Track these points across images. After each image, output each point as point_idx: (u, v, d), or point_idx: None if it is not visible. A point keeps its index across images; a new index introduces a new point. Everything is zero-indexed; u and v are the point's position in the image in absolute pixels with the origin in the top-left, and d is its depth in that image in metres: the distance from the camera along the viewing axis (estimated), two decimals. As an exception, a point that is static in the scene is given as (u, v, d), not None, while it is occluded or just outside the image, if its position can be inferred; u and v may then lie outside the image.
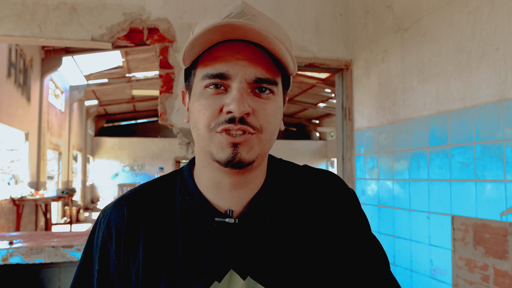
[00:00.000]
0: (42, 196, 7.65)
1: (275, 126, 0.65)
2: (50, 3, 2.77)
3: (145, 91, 11.74)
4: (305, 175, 0.75)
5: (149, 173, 16.06)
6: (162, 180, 0.74)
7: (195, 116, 0.63)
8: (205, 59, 0.63)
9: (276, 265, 0.65)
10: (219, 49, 0.61)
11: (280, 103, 0.66)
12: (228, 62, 0.60)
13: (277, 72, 0.64)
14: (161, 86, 2.92)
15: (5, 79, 6.62)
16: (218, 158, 0.61)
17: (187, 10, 2.97)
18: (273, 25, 0.64)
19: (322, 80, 9.83)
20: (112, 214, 0.69)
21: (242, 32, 0.58)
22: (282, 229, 0.67)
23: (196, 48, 0.61)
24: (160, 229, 0.67)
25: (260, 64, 0.61)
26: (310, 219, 0.69)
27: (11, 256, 1.86)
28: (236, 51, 0.61)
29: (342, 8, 3.30)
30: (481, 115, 2.04)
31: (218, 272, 0.64)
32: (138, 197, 0.71)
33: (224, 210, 0.67)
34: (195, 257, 0.65)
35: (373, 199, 2.99)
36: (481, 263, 2.04)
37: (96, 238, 0.70)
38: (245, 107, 0.59)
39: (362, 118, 3.13)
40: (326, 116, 16.08)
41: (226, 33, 0.59)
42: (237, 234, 0.66)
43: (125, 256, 0.66)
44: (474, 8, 2.10)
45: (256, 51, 0.61)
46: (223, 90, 0.61)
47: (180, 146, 2.96)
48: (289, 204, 0.70)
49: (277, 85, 0.63)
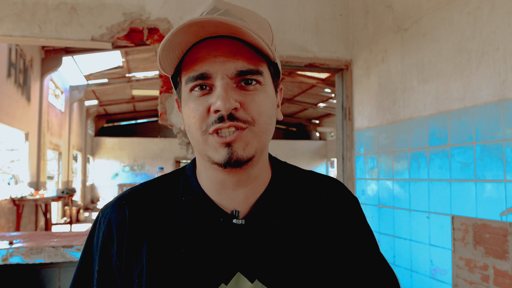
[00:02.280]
0: (42, 196, 7.65)
1: (268, 116, 0.63)
2: (50, 3, 2.77)
3: (145, 91, 11.74)
4: (312, 180, 0.74)
5: (149, 173, 16.05)
6: (163, 180, 0.72)
7: (187, 121, 0.63)
8: (186, 63, 0.62)
9: (285, 269, 0.64)
10: (196, 50, 0.61)
11: (271, 92, 0.65)
12: (206, 61, 0.59)
13: (260, 61, 0.62)
14: (161, 86, 2.92)
15: (5, 79, 6.62)
16: (216, 160, 0.61)
17: (187, 10, 2.97)
18: (248, 15, 0.63)
19: (322, 80, 9.83)
20: (112, 214, 0.67)
21: (212, 28, 0.57)
22: (289, 231, 0.66)
23: (172, 53, 0.60)
24: (164, 230, 0.65)
25: (239, 56, 0.60)
26: (317, 223, 0.69)
27: (11, 256, 1.86)
28: (213, 48, 0.60)
29: (342, 8, 3.30)
30: (481, 115, 2.04)
31: (225, 274, 0.62)
32: (139, 196, 0.69)
33: (230, 210, 0.66)
34: (200, 259, 0.63)
35: (373, 199, 2.99)
36: (481, 263, 2.04)
37: (96, 238, 0.68)
38: (231, 103, 0.58)
39: (362, 118, 3.13)
40: (326, 116, 16.09)
41: (197, 33, 0.58)
42: (244, 236, 0.64)
43: (128, 258, 0.65)
44: (474, 8, 2.10)
45: (233, 44, 0.60)
46: (209, 90, 0.61)
47: (180, 146, 2.96)
48: (297, 207, 0.69)
49: (262, 74, 0.62)
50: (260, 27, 0.63)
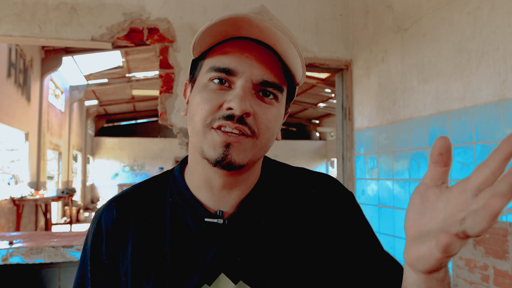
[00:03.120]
0: (42, 196, 7.65)
1: (273, 134, 0.63)
2: (50, 3, 2.77)
3: (145, 91, 11.74)
4: (302, 177, 0.73)
5: (149, 173, 16.05)
6: (153, 181, 0.73)
7: (194, 109, 0.62)
8: (214, 52, 0.61)
9: (269, 269, 0.63)
10: (230, 44, 0.60)
11: (282, 112, 0.65)
12: (237, 58, 0.59)
13: (284, 80, 0.62)
14: (161, 86, 2.92)
15: (5, 79, 6.62)
16: (208, 156, 0.60)
17: (187, 10, 2.97)
18: (289, 33, 0.62)
19: (322, 80, 9.83)
20: (103, 215, 0.69)
21: (257, 29, 0.57)
22: (275, 232, 0.66)
23: (207, 38, 0.60)
24: (149, 230, 0.66)
25: (269, 67, 0.60)
26: (304, 222, 0.68)
27: (11, 256, 1.86)
28: (247, 49, 0.59)
29: (342, 8, 3.30)
30: (481, 115, 2.04)
31: (208, 275, 0.62)
32: (128, 198, 0.70)
33: (214, 210, 0.65)
34: (183, 259, 0.63)
35: (373, 199, 2.99)
36: (481, 263, 2.04)
37: (88, 239, 0.70)
38: (247, 106, 0.57)
39: (362, 118, 3.13)
40: (326, 116, 16.08)
41: (240, 28, 0.57)
42: (227, 236, 0.64)
43: (114, 257, 0.66)
44: (474, 8, 2.10)
45: (267, 54, 0.60)
46: (227, 87, 0.60)
47: (180, 146, 2.96)
48: (283, 205, 0.69)
49: (282, 92, 0.62)
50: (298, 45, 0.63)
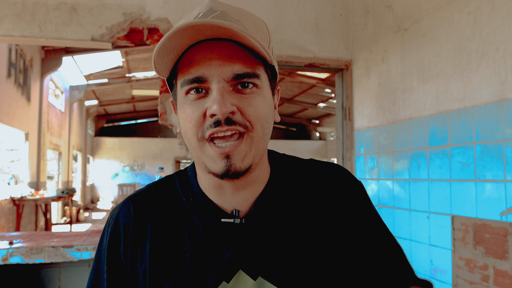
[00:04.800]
0: (42, 196, 7.64)
1: (266, 120, 0.62)
2: (50, 3, 2.77)
3: (145, 91, 11.74)
4: (312, 169, 0.73)
5: (149, 173, 16.06)
6: (162, 183, 0.73)
7: (183, 126, 0.62)
8: (181, 66, 0.61)
9: (288, 264, 0.63)
10: (192, 52, 0.59)
11: (268, 95, 0.64)
12: (202, 64, 0.58)
13: (257, 64, 0.61)
14: (161, 86, 2.92)
15: (5, 79, 6.62)
16: (213, 170, 0.60)
17: (187, 10, 2.97)
18: (245, 16, 0.62)
19: (322, 80, 9.83)
20: (119, 214, 0.69)
21: (208, 31, 0.56)
22: (292, 227, 0.66)
23: (167, 56, 0.59)
24: (166, 229, 0.66)
25: (236, 59, 0.58)
26: (320, 215, 0.68)
27: (11, 256, 1.85)
28: (209, 51, 0.58)
29: (342, 8, 3.30)
30: (481, 115, 2.04)
31: (226, 273, 0.62)
32: (144, 196, 0.70)
33: (230, 210, 0.66)
34: (202, 257, 0.64)
35: (373, 199, 2.99)
36: (481, 263, 2.04)
37: (104, 240, 0.69)
38: (227, 106, 0.57)
39: (362, 118, 3.13)
40: (326, 116, 16.09)
41: (192, 36, 0.57)
42: (244, 234, 0.65)
43: (133, 255, 0.66)
44: (474, 8, 2.10)
45: (230, 47, 0.59)
46: (205, 94, 0.59)
47: (180, 146, 2.95)
48: (297, 200, 0.69)
49: (259, 77, 0.61)
50: (257, 28, 0.62)
